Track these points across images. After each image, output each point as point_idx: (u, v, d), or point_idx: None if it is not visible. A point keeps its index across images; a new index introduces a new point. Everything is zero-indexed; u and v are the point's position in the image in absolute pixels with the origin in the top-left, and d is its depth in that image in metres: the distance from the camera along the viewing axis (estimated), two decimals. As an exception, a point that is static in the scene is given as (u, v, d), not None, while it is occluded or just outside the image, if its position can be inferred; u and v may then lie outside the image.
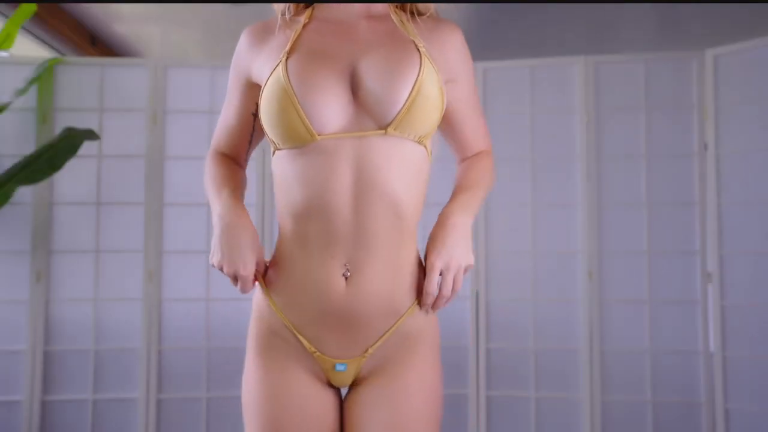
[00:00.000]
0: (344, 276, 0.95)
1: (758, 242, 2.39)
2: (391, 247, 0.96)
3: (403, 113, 0.91)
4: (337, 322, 0.97)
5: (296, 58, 0.94)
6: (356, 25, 1.00)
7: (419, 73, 0.92)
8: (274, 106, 0.92)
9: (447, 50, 1.01)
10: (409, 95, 0.91)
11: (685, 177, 2.57)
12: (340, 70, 0.93)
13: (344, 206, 0.92)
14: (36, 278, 2.57)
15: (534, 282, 2.67)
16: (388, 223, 0.94)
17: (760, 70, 2.42)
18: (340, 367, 1.00)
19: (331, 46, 0.96)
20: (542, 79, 2.71)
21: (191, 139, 2.67)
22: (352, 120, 0.92)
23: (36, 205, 2.58)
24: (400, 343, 1.00)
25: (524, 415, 2.64)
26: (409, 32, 0.98)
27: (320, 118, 0.91)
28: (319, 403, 1.01)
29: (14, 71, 2.60)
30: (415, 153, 0.95)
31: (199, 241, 2.65)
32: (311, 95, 0.91)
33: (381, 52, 0.94)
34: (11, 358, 2.55)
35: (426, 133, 0.95)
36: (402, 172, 0.93)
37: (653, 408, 2.55)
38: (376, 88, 0.91)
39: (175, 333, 2.61)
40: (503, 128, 2.72)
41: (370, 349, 0.99)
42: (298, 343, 1.00)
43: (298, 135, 0.92)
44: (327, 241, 0.94)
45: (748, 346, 2.40)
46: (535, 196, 2.69)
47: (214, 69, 2.71)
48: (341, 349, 0.99)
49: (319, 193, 0.92)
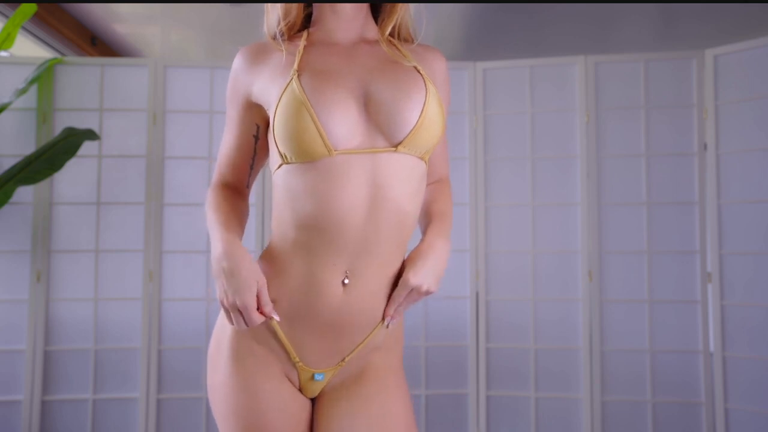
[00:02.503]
0: (343, 283, 0.98)
1: (758, 242, 2.39)
2: (390, 255, 1.00)
3: (413, 133, 0.97)
4: (327, 328, 1.00)
5: (308, 75, 0.97)
6: (355, 48, 1.04)
7: (426, 96, 0.98)
8: (291, 121, 0.94)
9: (436, 77, 1.08)
10: (420, 116, 0.97)
11: (685, 177, 2.57)
12: (352, 89, 0.98)
13: (355, 220, 0.95)
14: (36, 278, 2.57)
15: (534, 282, 2.67)
16: (392, 234, 0.98)
17: (760, 70, 2.42)
18: (318, 377, 1.03)
19: (338, 66, 1.00)
20: (542, 79, 2.71)
21: (191, 139, 2.67)
22: (364, 137, 0.96)
23: (36, 205, 2.58)
24: (371, 354, 1.06)
25: (524, 415, 2.64)
26: (407, 58, 1.04)
27: (337, 133, 0.94)
28: (296, 409, 1.04)
29: (14, 71, 2.60)
30: (419, 168, 1.01)
31: (199, 241, 2.65)
32: (329, 110, 0.94)
33: (390, 75, 1.00)
34: (11, 358, 2.55)
35: (428, 150, 1.01)
36: (409, 187, 0.99)
37: (653, 408, 2.55)
38: (388, 108, 0.97)
39: (175, 333, 2.61)
40: (503, 128, 2.72)
41: (347, 358, 1.04)
42: (282, 350, 1.02)
43: (314, 149, 0.94)
44: (332, 251, 0.97)
45: (748, 346, 2.40)
46: (535, 195, 2.69)
47: (214, 69, 2.71)
48: (321, 359, 1.03)
49: (331, 207, 0.95)
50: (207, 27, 4.09)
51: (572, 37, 4.26)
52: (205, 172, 2.67)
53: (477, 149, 2.72)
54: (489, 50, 4.51)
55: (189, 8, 3.77)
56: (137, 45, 4.43)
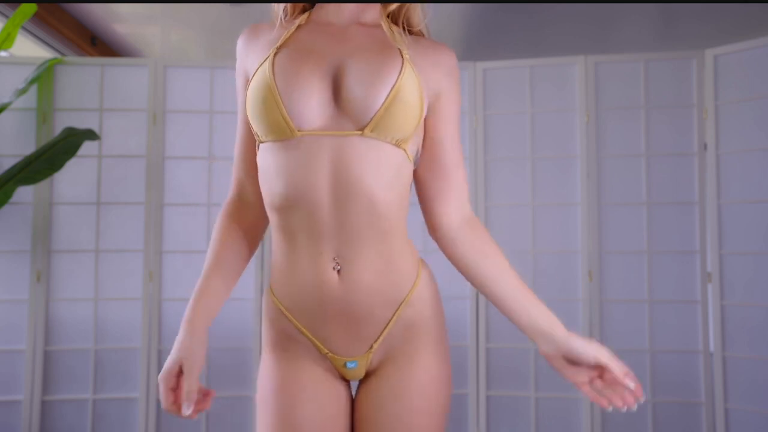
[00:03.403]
0: (336, 270, 0.97)
1: (758, 242, 2.39)
2: (376, 240, 0.97)
3: (379, 116, 0.93)
4: (338, 317, 0.99)
5: (284, 54, 0.96)
6: (347, 29, 1.02)
7: (398, 78, 0.94)
8: (257, 100, 0.95)
9: (439, 67, 1.03)
10: (386, 98, 0.93)
11: (685, 177, 2.57)
12: (325, 69, 0.95)
13: (323, 201, 0.94)
14: (36, 278, 2.57)
15: (534, 282, 2.67)
16: (368, 219, 0.95)
17: (760, 70, 2.42)
18: (351, 365, 1.03)
19: (319, 46, 0.98)
20: (542, 79, 2.71)
21: (191, 139, 2.67)
22: (332, 119, 0.94)
23: (36, 205, 2.58)
24: (403, 334, 1.03)
25: (524, 415, 2.64)
26: (397, 41, 1.00)
27: (300, 114, 0.93)
28: (331, 395, 1.03)
29: (14, 71, 2.60)
30: (393, 155, 0.96)
31: (199, 241, 2.65)
32: (293, 92, 0.93)
33: (365, 56, 0.96)
34: (11, 358, 2.55)
35: (404, 137, 0.96)
36: (379, 173, 0.95)
37: (653, 408, 2.55)
38: (356, 89, 0.94)
39: (175, 333, 2.61)
40: (503, 128, 2.72)
41: (375, 345, 1.02)
42: (311, 344, 1.03)
43: (279, 129, 0.94)
44: (312, 235, 0.96)
45: (748, 346, 2.40)
46: (535, 195, 2.69)
47: (214, 69, 2.71)
48: (348, 347, 1.02)
49: (299, 187, 0.94)
50: (207, 27, 4.09)
51: (572, 37, 4.26)
52: (205, 172, 2.67)
53: (477, 149, 2.72)
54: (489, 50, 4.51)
55: (189, 8, 3.77)
56: (137, 45, 4.43)
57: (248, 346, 2.63)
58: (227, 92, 2.71)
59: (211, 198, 2.67)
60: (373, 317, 1.00)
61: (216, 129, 2.69)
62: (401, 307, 1.01)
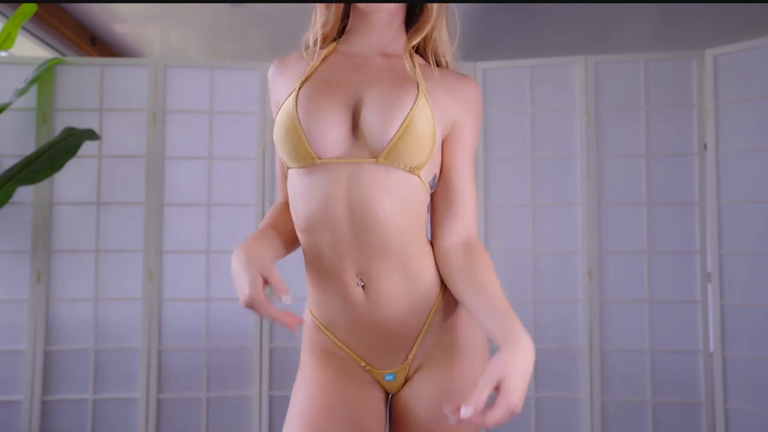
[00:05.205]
0: (360, 286, 1.03)
1: (758, 242, 2.39)
2: (394, 256, 1.02)
3: (392, 145, 0.98)
4: (369, 331, 1.05)
5: (308, 87, 1.03)
6: (371, 61, 1.07)
7: (412, 109, 0.99)
8: (281, 130, 1.02)
9: (459, 99, 1.06)
10: (399, 129, 0.98)
11: (685, 177, 2.57)
12: (345, 101, 1.01)
13: (342, 222, 1.00)
14: (36, 278, 2.57)
15: (534, 282, 2.67)
16: (383, 239, 1.01)
17: (760, 70, 2.42)
18: (389, 378, 1.09)
19: (342, 78, 1.04)
20: (542, 79, 2.71)
21: (191, 139, 2.67)
22: (350, 147, 1.00)
23: (36, 205, 2.58)
24: (439, 340, 1.08)
25: (524, 414, 2.64)
26: (416, 73, 1.04)
27: (320, 144, 0.99)
28: (372, 401, 1.08)
29: (14, 71, 2.60)
30: (406, 181, 1.01)
31: (199, 241, 2.65)
32: (314, 124, 0.99)
33: (383, 87, 1.02)
34: (11, 358, 2.55)
35: (418, 165, 1.00)
36: (392, 199, 1.00)
37: (653, 408, 2.55)
38: (372, 120, 0.99)
39: (175, 333, 2.61)
40: (503, 128, 2.72)
41: (410, 355, 1.08)
42: (350, 358, 1.09)
43: (302, 157, 1.00)
44: (335, 254, 1.02)
45: (748, 346, 2.40)
46: (535, 195, 2.69)
47: (214, 69, 2.71)
48: (385, 361, 1.08)
49: (320, 210, 1.00)
50: (207, 27, 4.09)
51: (572, 37, 4.25)
52: (205, 172, 2.68)
53: (477, 149, 2.72)
54: (489, 50, 4.50)
55: (189, 8, 3.77)
56: (137, 45, 4.43)
57: (248, 346, 2.63)
58: (227, 92, 2.71)
59: (211, 198, 2.67)
60: (403, 328, 1.05)
61: (216, 129, 2.69)
62: (430, 315, 1.07)
